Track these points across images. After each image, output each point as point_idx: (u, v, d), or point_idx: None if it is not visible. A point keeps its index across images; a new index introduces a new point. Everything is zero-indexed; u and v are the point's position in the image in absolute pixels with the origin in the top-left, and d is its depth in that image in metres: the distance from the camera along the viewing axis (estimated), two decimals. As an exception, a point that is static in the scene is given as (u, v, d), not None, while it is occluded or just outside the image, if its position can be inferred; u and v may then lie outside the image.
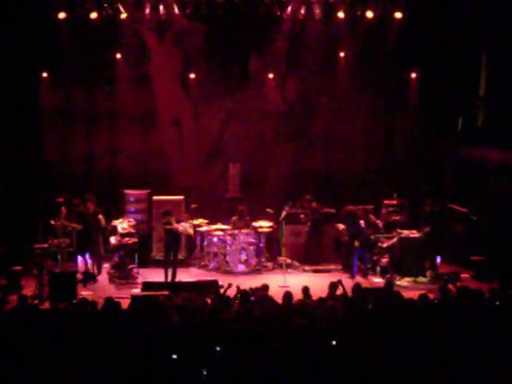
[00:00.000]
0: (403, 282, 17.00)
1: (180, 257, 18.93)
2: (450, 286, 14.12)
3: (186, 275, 17.82)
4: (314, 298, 12.60)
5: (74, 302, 13.04)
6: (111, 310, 11.14)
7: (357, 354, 9.52)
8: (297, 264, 18.94)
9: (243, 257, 18.56)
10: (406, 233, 18.12)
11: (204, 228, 19.08)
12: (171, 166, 20.97)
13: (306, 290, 12.86)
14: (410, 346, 9.77)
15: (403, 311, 11.09)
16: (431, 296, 12.51)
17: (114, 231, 18.19)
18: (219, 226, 18.97)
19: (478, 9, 18.94)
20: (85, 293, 15.75)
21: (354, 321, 10.54)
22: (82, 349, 9.48)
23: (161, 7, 18.99)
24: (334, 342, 9.68)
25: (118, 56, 20.17)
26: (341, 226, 18.86)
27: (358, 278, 17.33)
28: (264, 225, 18.99)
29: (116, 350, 9.51)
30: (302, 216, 19.47)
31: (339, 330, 10.06)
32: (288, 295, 11.98)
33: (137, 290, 15.91)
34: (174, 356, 9.29)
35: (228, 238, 18.68)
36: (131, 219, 18.91)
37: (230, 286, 13.31)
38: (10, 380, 9.17)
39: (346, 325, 10.39)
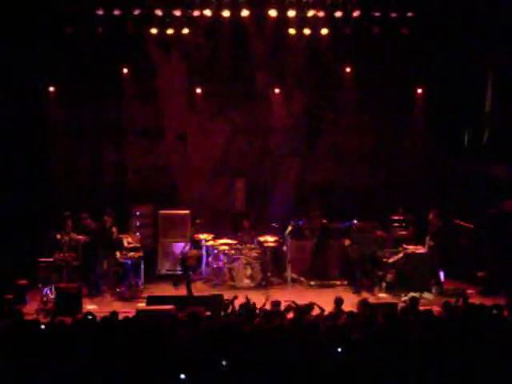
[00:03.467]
0: (408, 297, 16.90)
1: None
2: (455, 302, 14.10)
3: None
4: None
5: (79, 316, 13.01)
6: (115, 324, 11.14)
7: (364, 370, 9.53)
8: (302, 279, 18.91)
9: (248, 271, 18.53)
10: (411, 248, 18.09)
11: (209, 243, 19.07)
12: (177, 180, 21.01)
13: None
14: (414, 361, 9.76)
15: (412, 327, 11.09)
16: (436, 312, 12.47)
17: (119, 245, 18.19)
18: (224, 240, 18.96)
19: (484, 25, 18.97)
20: (90, 307, 15.75)
21: (364, 337, 10.52)
22: (86, 364, 9.47)
23: (167, 22, 19.02)
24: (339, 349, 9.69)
25: (125, 71, 20.25)
26: (347, 242, 18.86)
27: (364, 294, 17.31)
28: (269, 239, 19.00)
29: (120, 364, 9.51)
30: (306, 231, 19.43)
31: (349, 346, 10.06)
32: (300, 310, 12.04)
33: (142, 305, 15.89)
34: (182, 376, 9.27)
35: (233, 252, 18.67)
36: (137, 233, 18.93)
37: (235, 298, 13.44)
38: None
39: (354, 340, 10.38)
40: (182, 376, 9.27)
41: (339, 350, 9.81)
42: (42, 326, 11.18)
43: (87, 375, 9.32)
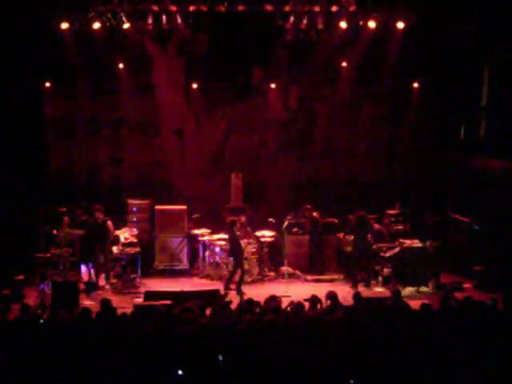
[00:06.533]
0: (405, 291, 16.90)
1: (182, 266, 19.06)
2: (452, 296, 14.14)
3: (188, 285, 17.82)
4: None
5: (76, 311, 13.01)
6: (109, 317, 11.19)
7: (359, 364, 9.56)
8: (299, 274, 18.92)
9: (245, 266, 18.51)
10: (408, 242, 18.11)
11: (206, 237, 19.09)
12: (173, 175, 21.02)
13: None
14: (410, 354, 9.79)
15: (406, 320, 11.12)
16: (433, 306, 12.49)
17: (116, 241, 18.20)
18: (221, 235, 18.97)
19: (480, 19, 18.99)
20: (87, 302, 15.74)
21: (357, 330, 10.56)
22: (82, 360, 9.49)
23: (164, 17, 18.99)
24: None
25: (121, 66, 20.22)
26: (343, 236, 18.87)
27: (360, 288, 17.34)
28: (266, 234, 19.01)
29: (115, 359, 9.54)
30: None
31: (343, 340, 10.10)
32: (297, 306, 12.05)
33: (139, 300, 15.91)
34: (180, 372, 9.29)
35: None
36: (134, 229, 18.94)
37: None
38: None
39: (349, 334, 10.41)
40: (180, 372, 9.30)
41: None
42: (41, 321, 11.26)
43: (85, 371, 9.34)
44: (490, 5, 18.57)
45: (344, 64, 20.67)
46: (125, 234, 18.38)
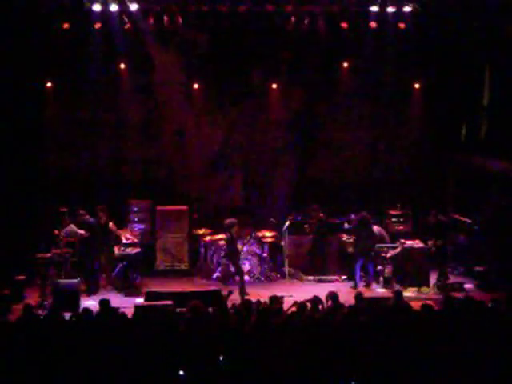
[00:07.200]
0: (406, 292, 16.89)
1: (183, 267, 19.05)
2: (454, 296, 14.12)
3: (189, 285, 17.82)
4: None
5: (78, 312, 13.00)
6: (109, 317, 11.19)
7: (360, 364, 9.54)
8: (300, 274, 18.92)
9: (246, 266, 18.53)
10: (409, 243, 18.09)
11: (207, 238, 19.08)
12: (175, 175, 20.98)
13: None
14: (412, 355, 9.78)
15: (407, 321, 11.11)
16: (434, 306, 12.48)
17: (118, 241, 18.18)
18: (222, 235, 18.95)
19: (481, 20, 18.97)
20: (88, 303, 15.72)
21: (358, 331, 10.56)
22: (84, 361, 9.48)
23: (165, 17, 19.00)
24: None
25: (122, 66, 20.22)
26: (345, 236, 18.86)
27: (361, 288, 17.31)
28: (267, 235, 19.00)
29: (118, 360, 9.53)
30: (306, 226, 19.44)
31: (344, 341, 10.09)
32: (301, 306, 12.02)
33: (140, 300, 15.90)
34: (181, 372, 9.28)
35: (231, 247, 18.65)
36: (135, 229, 18.92)
37: (230, 293, 13.61)
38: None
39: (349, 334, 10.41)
40: (181, 372, 9.29)
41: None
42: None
43: (85, 371, 9.33)
44: (491, 4, 18.52)
45: (345, 64, 20.66)
46: (126, 234, 18.37)
